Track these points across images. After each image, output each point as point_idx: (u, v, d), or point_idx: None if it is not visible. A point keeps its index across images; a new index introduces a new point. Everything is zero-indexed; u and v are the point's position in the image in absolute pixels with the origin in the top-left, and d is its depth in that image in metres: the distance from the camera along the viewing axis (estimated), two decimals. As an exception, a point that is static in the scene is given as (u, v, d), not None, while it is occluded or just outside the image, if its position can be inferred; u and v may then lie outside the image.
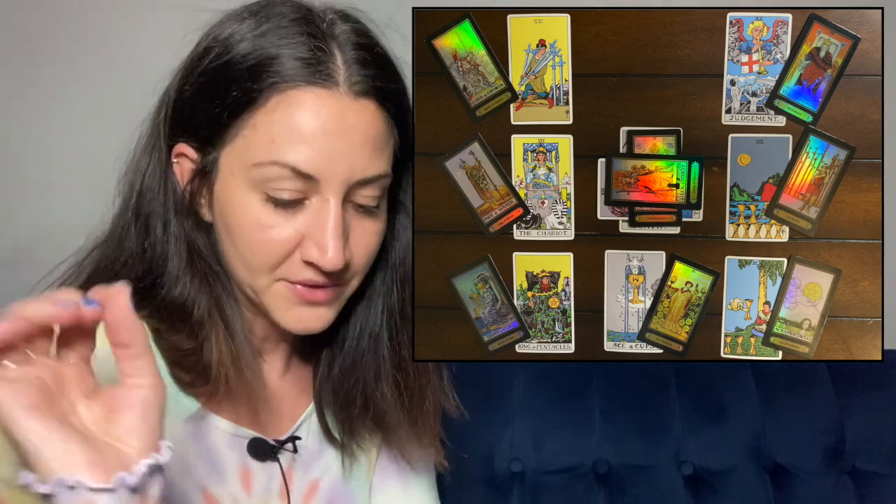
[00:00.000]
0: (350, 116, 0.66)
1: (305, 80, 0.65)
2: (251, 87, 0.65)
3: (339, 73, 0.66)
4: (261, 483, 0.75)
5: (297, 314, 0.70)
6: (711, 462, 1.27)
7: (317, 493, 0.80)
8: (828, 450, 1.28)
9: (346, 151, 0.66)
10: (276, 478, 0.76)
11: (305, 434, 0.80)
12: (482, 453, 1.27)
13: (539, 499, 1.26)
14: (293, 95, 0.65)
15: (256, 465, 0.75)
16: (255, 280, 0.70)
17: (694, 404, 1.29)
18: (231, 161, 0.68)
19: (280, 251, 0.68)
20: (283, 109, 0.65)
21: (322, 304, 0.71)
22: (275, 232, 0.67)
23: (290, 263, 0.68)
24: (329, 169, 0.65)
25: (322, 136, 0.65)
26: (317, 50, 0.66)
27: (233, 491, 0.73)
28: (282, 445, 0.77)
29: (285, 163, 0.65)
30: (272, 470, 0.76)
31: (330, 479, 0.81)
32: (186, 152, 0.71)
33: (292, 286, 0.69)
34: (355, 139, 0.66)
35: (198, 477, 0.72)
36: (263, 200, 0.67)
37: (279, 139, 0.65)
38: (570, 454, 1.27)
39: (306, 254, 0.67)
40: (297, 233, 0.67)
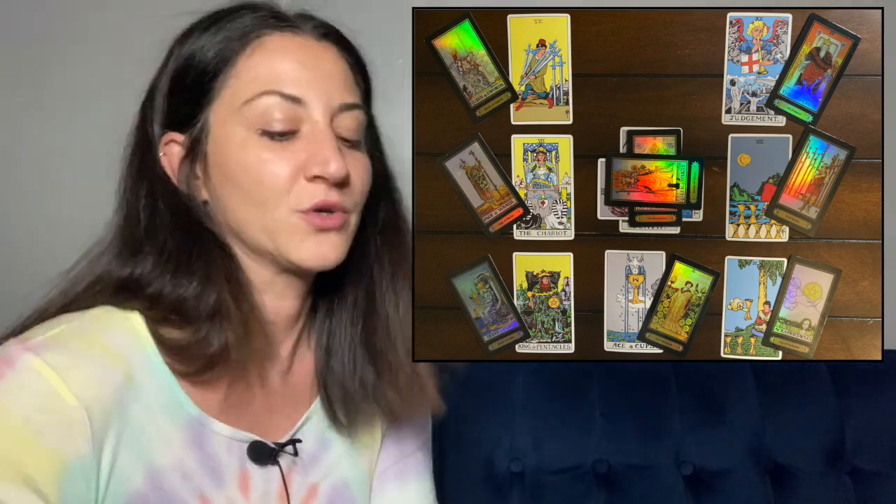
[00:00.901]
0: (317, 52, 0.75)
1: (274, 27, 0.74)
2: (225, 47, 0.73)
3: (300, 23, 0.76)
4: (259, 487, 0.75)
5: (311, 246, 0.73)
6: (711, 462, 1.27)
7: (316, 496, 0.79)
8: (828, 450, 1.28)
9: (324, 78, 0.74)
10: (275, 481, 0.76)
11: (306, 437, 0.80)
12: (482, 453, 1.27)
13: (539, 499, 1.26)
14: (266, 40, 0.73)
15: (255, 469, 0.75)
16: (268, 216, 0.72)
17: (694, 404, 1.29)
18: (221, 112, 0.73)
19: (285, 177, 0.72)
20: (260, 53, 0.73)
21: (333, 230, 0.74)
22: (276, 163, 0.72)
23: (299, 189, 0.72)
24: (311, 91, 0.73)
25: (298, 65, 0.73)
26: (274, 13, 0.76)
27: (230, 496, 0.73)
28: (282, 448, 0.77)
29: (272, 89, 0.72)
30: (271, 473, 0.76)
31: (330, 482, 0.81)
32: (173, 138, 0.75)
33: (304, 216, 0.72)
34: (328, 68, 0.74)
35: (196, 483, 0.71)
36: (259, 136, 0.72)
37: (261, 74, 0.72)
38: (570, 454, 1.27)
39: (310, 170, 0.72)
40: (296, 160, 0.72)
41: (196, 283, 0.71)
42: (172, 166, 0.74)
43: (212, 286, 0.71)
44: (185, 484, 0.70)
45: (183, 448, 0.70)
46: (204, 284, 0.71)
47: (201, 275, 0.71)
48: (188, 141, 0.74)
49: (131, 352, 0.69)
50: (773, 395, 1.30)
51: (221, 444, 0.73)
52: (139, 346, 0.69)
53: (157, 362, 0.70)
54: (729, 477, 1.27)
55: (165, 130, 0.75)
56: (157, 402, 0.69)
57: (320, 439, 0.81)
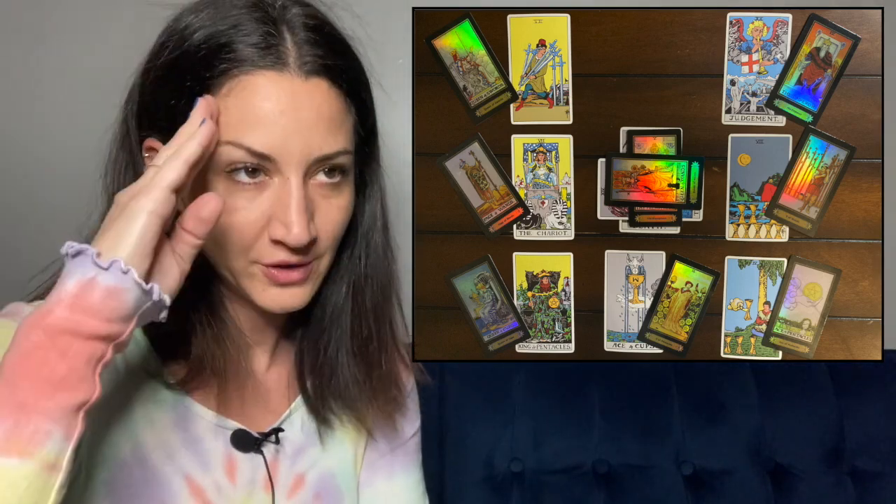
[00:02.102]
0: (301, 96, 0.67)
1: (256, 65, 0.67)
2: (204, 76, 0.67)
3: (288, 55, 0.68)
4: (245, 474, 0.76)
5: (273, 295, 0.71)
6: (711, 462, 1.27)
7: (303, 486, 0.80)
8: (828, 450, 1.28)
9: (300, 130, 0.67)
10: (260, 470, 0.77)
11: (290, 427, 0.80)
12: (482, 453, 1.27)
13: (539, 499, 1.26)
14: (245, 80, 0.67)
15: (241, 456, 0.76)
16: (230, 263, 0.71)
17: (694, 404, 1.29)
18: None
19: (248, 233, 0.69)
20: (237, 94, 0.67)
21: (296, 283, 0.72)
22: (241, 215, 0.69)
23: (261, 245, 0.70)
24: (285, 148, 0.67)
25: (275, 116, 0.66)
26: (267, 35, 0.68)
27: (217, 479, 0.74)
28: (265, 438, 0.77)
29: (240, 143, 0.66)
30: (257, 462, 0.77)
31: (317, 473, 0.81)
32: (155, 146, 0.72)
33: (266, 269, 0.70)
34: (308, 117, 0.68)
35: (181, 463, 0.72)
36: (227, 183, 0.68)
37: (233, 122, 0.67)
38: (570, 454, 1.27)
39: (273, 233, 0.69)
40: (262, 214, 0.69)
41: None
42: None
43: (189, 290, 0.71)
44: (170, 463, 0.72)
45: (167, 428, 0.72)
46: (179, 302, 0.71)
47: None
48: None
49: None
50: (773, 395, 1.30)
51: (206, 428, 0.74)
52: None
53: (144, 345, 0.71)
54: (729, 477, 1.27)
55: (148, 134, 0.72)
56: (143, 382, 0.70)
57: (306, 431, 0.82)
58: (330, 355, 0.80)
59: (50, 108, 1.39)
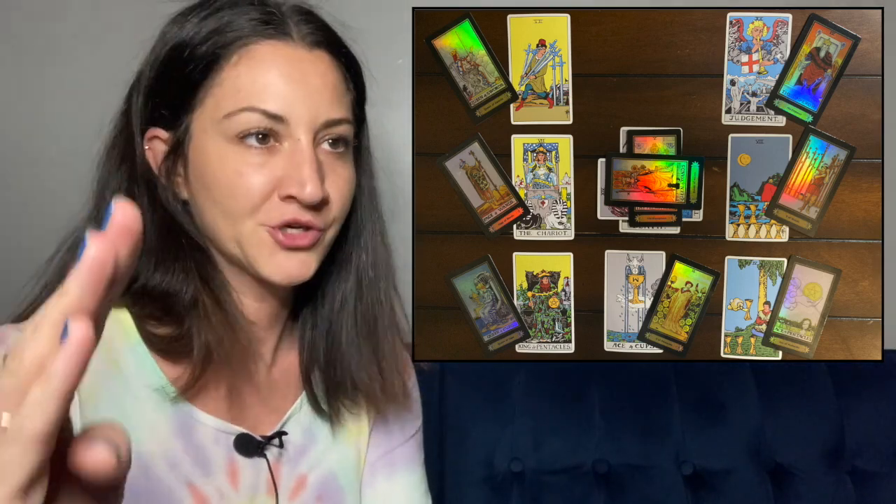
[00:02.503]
0: (307, 64, 0.71)
1: (262, 35, 0.71)
2: (211, 51, 0.71)
3: (291, 30, 0.72)
4: (248, 478, 0.76)
5: (280, 261, 0.72)
6: (711, 462, 1.27)
7: (305, 487, 0.80)
8: (828, 450, 1.28)
9: (309, 94, 0.71)
10: (263, 473, 0.77)
11: (293, 429, 0.80)
12: (482, 453, 1.27)
13: (539, 499, 1.26)
14: (253, 49, 0.70)
15: (243, 460, 0.76)
16: (237, 228, 0.72)
17: (694, 404, 1.29)
18: (203, 121, 0.71)
19: (259, 193, 0.71)
20: (246, 62, 0.70)
21: (303, 249, 0.73)
22: (253, 176, 0.70)
23: (270, 206, 0.71)
24: (295, 110, 0.70)
25: (284, 81, 0.70)
26: (268, 14, 0.72)
27: (219, 486, 0.74)
28: (268, 441, 0.77)
29: (254, 107, 0.69)
30: (259, 465, 0.77)
31: (318, 473, 0.81)
32: (157, 134, 0.74)
33: (272, 231, 0.71)
34: (315, 83, 0.71)
35: (184, 472, 0.72)
36: (238, 148, 0.70)
37: (245, 88, 0.70)
38: (570, 454, 1.27)
39: (284, 190, 0.70)
40: (273, 176, 0.71)
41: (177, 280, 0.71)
42: (156, 161, 0.75)
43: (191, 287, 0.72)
44: (173, 472, 0.71)
45: (169, 437, 0.72)
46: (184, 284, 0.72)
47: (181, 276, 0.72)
48: (172, 140, 0.73)
49: (117, 342, 0.71)
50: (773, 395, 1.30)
51: (208, 434, 0.74)
52: (125, 337, 0.71)
53: (142, 352, 0.71)
54: (729, 477, 1.27)
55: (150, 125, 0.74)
56: (143, 391, 0.70)
57: (308, 432, 0.82)
58: (337, 344, 0.81)
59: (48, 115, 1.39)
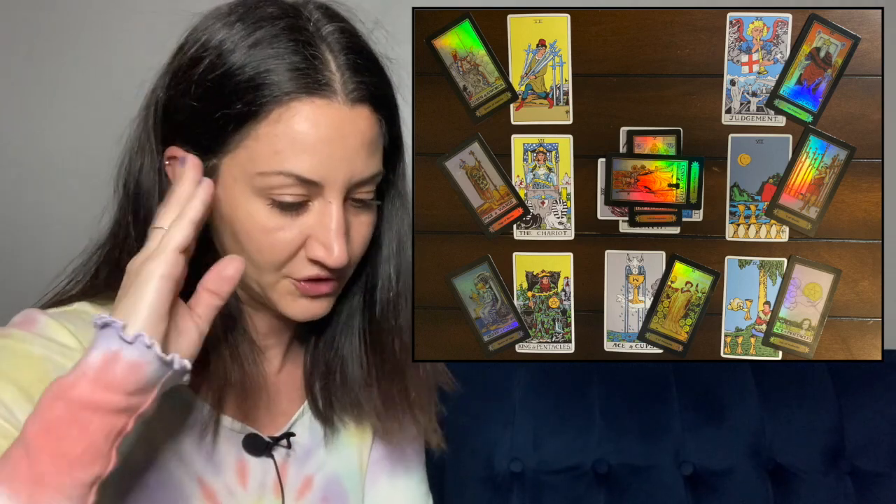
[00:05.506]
0: (347, 124, 0.69)
1: (304, 91, 0.68)
2: (252, 101, 0.67)
3: (335, 81, 0.69)
4: (256, 478, 0.77)
5: (303, 305, 0.74)
6: (711, 462, 1.27)
7: (311, 488, 0.81)
8: (828, 450, 1.28)
9: (346, 157, 0.69)
10: (270, 473, 0.78)
11: (300, 430, 0.81)
12: (482, 453, 1.27)
13: (539, 499, 1.26)
14: (294, 107, 0.68)
15: (252, 459, 0.77)
16: (261, 278, 0.73)
17: (694, 404, 1.30)
18: (233, 169, 0.69)
19: (286, 252, 0.71)
20: (286, 121, 0.68)
21: (325, 295, 0.74)
22: (280, 234, 0.70)
23: (296, 262, 0.71)
24: (331, 174, 0.69)
25: (323, 144, 0.68)
26: (311, 58, 0.68)
27: (228, 483, 0.75)
28: (276, 442, 0.78)
29: (290, 172, 0.68)
30: (267, 465, 0.78)
31: (324, 475, 0.82)
32: (177, 154, 0.71)
33: (297, 282, 0.72)
34: (353, 144, 0.69)
35: (194, 467, 0.74)
36: (268, 205, 0.69)
37: (282, 150, 0.67)
38: (570, 454, 1.27)
39: (312, 253, 0.70)
40: (301, 234, 0.70)
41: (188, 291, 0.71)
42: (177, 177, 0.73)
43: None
44: (183, 468, 0.73)
45: (181, 433, 0.73)
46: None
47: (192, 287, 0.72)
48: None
49: None
50: (773, 395, 1.30)
51: (220, 432, 0.76)
52: None
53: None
54: (729, 477, 1.27)
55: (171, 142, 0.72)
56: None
57: (315, 434, 0.83)
58: (340, 356, 0.81)
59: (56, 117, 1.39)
